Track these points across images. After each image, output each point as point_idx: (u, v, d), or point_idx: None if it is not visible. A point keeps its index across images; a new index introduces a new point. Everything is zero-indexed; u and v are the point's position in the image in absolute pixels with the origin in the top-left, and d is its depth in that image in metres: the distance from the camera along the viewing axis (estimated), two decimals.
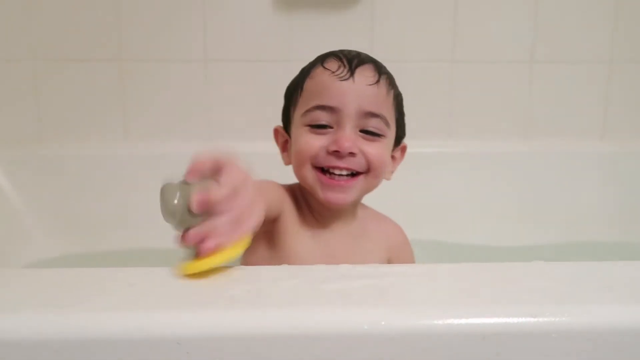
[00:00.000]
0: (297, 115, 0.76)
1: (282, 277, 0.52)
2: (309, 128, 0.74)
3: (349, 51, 0.78)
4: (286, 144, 0.80)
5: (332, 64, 0.75)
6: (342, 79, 0.73)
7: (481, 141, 1.21)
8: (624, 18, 1.21)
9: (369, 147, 0.73)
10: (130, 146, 1.17)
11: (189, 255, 0.51)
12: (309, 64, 0.80)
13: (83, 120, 1.18)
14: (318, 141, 0.73)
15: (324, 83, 0.74)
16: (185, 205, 0.49)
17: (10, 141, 1.16)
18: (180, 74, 1.18)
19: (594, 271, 0.54)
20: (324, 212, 0.77)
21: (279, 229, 0.75)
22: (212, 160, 0.52)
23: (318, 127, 0.73)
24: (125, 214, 1.12)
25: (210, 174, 0.52)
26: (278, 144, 0.82)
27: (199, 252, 0.49)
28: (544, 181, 1.18)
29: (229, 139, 1.18)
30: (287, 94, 0.81)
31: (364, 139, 0.74)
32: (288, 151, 0.80)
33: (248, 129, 1.18)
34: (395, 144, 0.80)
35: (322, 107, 0.73)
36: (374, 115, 0.74)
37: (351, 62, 0.75)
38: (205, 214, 0.49)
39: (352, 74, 0.73)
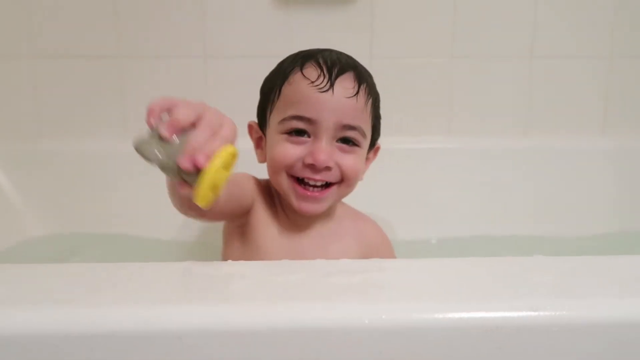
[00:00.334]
0: (273, 120, 0.76)
1: (283, 271, 0.52)
2: (285, 136, 0.73)
3: (330, 54, 0.77)
4: (260, 140, 0.80)
5: (311, 71, 0.74)
6: (321, 90, 0.72)
7: (480, 137, 1.21)
8: (624, 13, 1.21)
9: (344, 159, 0.74)
10: (129, 142, 1.16)
11: (194, 182, 0.52)
12: (287, 63, 0.79)
13: (82, 116, 1.18)
14: (294, 151, 0.73)
15: (302, 93, 0.73)
16: (163, 145, 0.51)
17: (10, 137, 1.15)
18: (179, 70, 1.17)
19: (594, 265, 0.54)
20: (296, 211, 0.76)
21: (250, 223, 0.76)
22: (162, 102, 0.55)
23: (295, 135, 0.73)
24: (125, 210, 1.12)
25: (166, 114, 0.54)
26: (252, 139, 0.82)
27: (198, 168, 0.51)
28: (544, 177, 1.18)
29: None
30: (264, 90, 0.81)
31: (340, 149, 0.74)
32: (262, 149, 0.80)
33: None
34: (370, 146, 0.80)
35: (299, 118, 0.73)
36: (352, 128, 0.74)
37: (331, 71, 0.74)
38: (182, 140, 0.51)
39: (331, 85, 0.73)
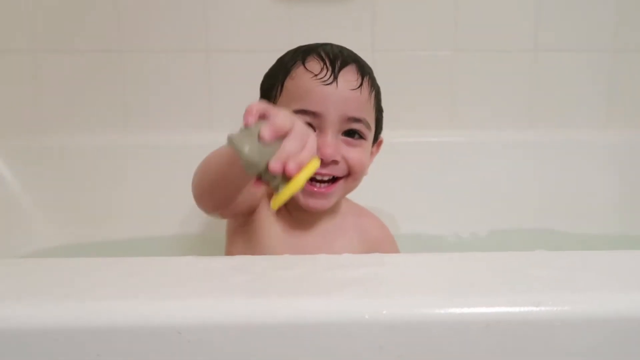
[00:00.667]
0: None
1: (283, 266, 0.52)
2: None
3: (331, 48, 0.77)
4: None
5: (314, 65, 0.74)
6: (324, 83, 0.72)
7: (484, 130, 1.20)
8: (627, 7, 1.20)
9: (350, 153, 0.74)
10: (130, 137, 1.17)
11: (276, 185, 0.55)
12: (288, 58, 0.78)
13: (83, 110, 1.17)
14: None
15: (306, 87, 0.73)
16: (257, 143, 0.54)
17: (11, 131, 1.15)
18: (181, 64, 1.17)
19: (596, 260, 0.54)
20: (300, 208, 0.76)
21: (254, 221, 0.76)
22: (260, 105, 0.57)
23: None
24: (126, 204, 1.12)
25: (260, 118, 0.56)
26: None
27: (287, 175, 0.53)
28: (547, 171, 1.17)
29: (230, 129, 1.17)
30: (264, 87, 0.80)
31: (345, 143, 0.74)
32: None
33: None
34: (373, 140, 0.80)
35: (304, 112, 0.72)
36: (357, 120, 0.74)
37: (334, 64, 0.74)
38: (276, 144, 0.54)
39: (335, 78, 0.73)
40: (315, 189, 0.73)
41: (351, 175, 0.75)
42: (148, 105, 1.18)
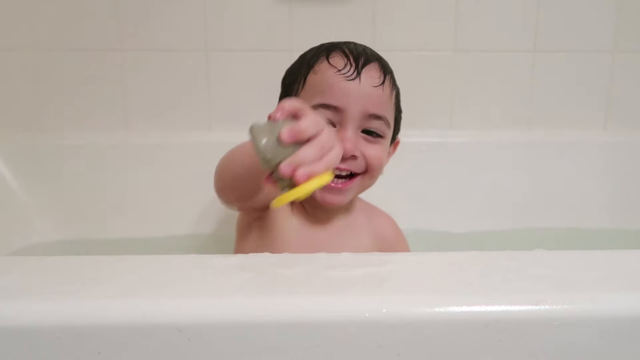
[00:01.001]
0: None
1: (284, 264, 0.52)
2: None
3: (355, 46, 0.77)
4: None
5: (338, 60, 0.74)
6: (348, 79, 0.72)
7: (482, 131, 1.21)
8: (627, 7, 1.20)
9: (369, 150, 0.74)
10: (130, 136, 1.17)
11: (283, 187, 0.54)
12: (311, 54, 0.78)
13: (83, 109, 1.17)
14: None
15: (329, 81, 0.73)
16: (275, 140, 0.52)
17: (10, 129, 1.15)
18: (180, 63, 1.17)
19: (595, 259, 0.54)
20: (317, 205, 0.77)
21: (270, 217, 0.76)
22: (295, 103, 0.55)
23: None
24: (125, 203, 1.12)
25: (291, 117, 0.55)
26: None
27: (294, 181, 0.52)
28: (546, 171, 1.18)
29: (230, 129, 1.18)
30: (286, 83, 0.80)
31: (365, 140, 0.74)
32: None
33: (249, 119, 1.17)
34: (390, 141, 0.80)
35: (326, 106, 0.72)
36: (378, 118, 0.74)
37: (358, 60, 0.74)
38: (294, 147, 0.53)
39: (358, 74, 0.73)
40: (332, 184, 0.73)
41: (368, 173, 0.75)
42: (147, 104, 1.18)
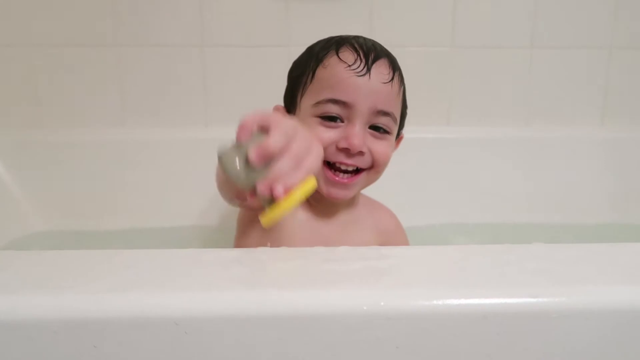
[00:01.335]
0: (305, 103, 0.75)
1: (281, 258, 0.52)
2: (319, 120, 0.73)
3: (364, 40, 0.77)
4: None
5: (348, 55, 0.74)
6: (358, 74, 0.72)
7: (481, 127, 1.21)
8: (624, 4, 1.21)
9: (376, 146, 0.74)
10: (127, 132, 1.17)
11: (266, 206, 0.53)
12: (320, 47, 0.78)
13: (80, 105, 1.17)
14: (328, 134, 0.72)
15: (339, 76, 0.72)
16: (246, 164, 0.51)
17: (7, 126, 1.15)
18: (177, 59, 1.17)
19: (593, 253, 0.54)
20: (321, 199, 0.77)
21: None
22: (257, 117, 0.54)
23: (329, 120, 0.73)
24: (122, 199, 1.12)
25: (258, 131, 0.53)
26: None
27: (273, 199, 0.51)
28: (544, 167, 1.18)
29: (226, 124, 1.17)
30: (293, 76, 0.80)
31: (372, 136, 0.74)
32: None
33: (245, 115, 1.17)
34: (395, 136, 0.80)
35: (335, 101, 0.72)
36: (385, 114, 0.74)
37: (368, 56, 0.74)
38: (267, 165, 0.51)
39: (368, 70, 0.73)
40: (338, 179, 0.73)
41: (374, 168, 0.75)
42: (143, 100, 1.18)
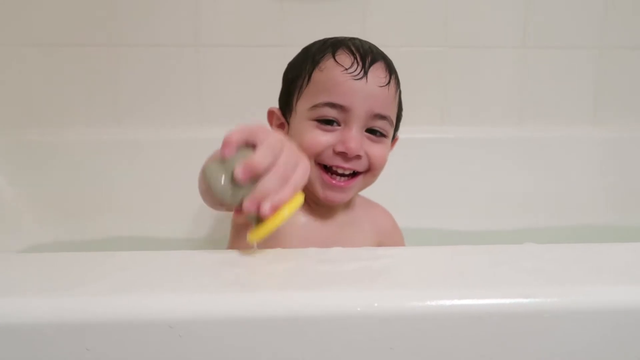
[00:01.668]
0: (302, 106, 0.75)
1: (275, 260, 0.52)
2: (316, 123, 0.73)
3: (361, 43, 0.77)
4: (282, 127, 0.79)
5: (344, 58, 0.73)
6: (355, 78, 0.72)
7: (474, 127, 1.21)
8: (615, 4, 1.21)
9: (373, 149, 0.74)
10: (121, 132, 1.16)
11: (253, 223, 0.52)
12: (315, 49, 0.77)
13: (73, 106, 1.17)
14: (325, 138, 0.72)
15: (336, 79, 0.72)
16: (231, 180, 0.50)
17: (0, 127, 1.14)
18: (171, 59, 1.16)
19: (585, 253, 0.55)
20: (320, 202, 0.77)
21: None
22: (242, 132, 0.53)
23: (325, 124, 0.73)
24: (116, 200, 1.11)
25: (244, 145, 0.52)
26: (272, 125, 0.81)
27: (260, 217, 0.50)
28: (536, 167, 1.19)
29: (221, 125, 1.16)
30: (289, 78, 0.79)
31: (368, 139, 0.74)
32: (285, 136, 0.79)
33: (240, 115, 1.17)
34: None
35: (332, 105, 0.72)
36: (382, 117, 0.74)
37: (365, 59, 0.73)
38: (253, 181, 0.50)
39: (365, 73, 0.72)
40: (334, 182, 0.73)
41: (371, 171, 0.75)
42: (137, 99, 1.18)
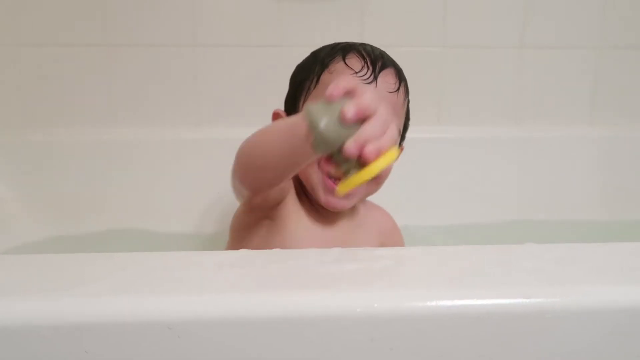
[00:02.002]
0: None
1: (274, 260, 0.52)
2: None
3: (372, 49, 0.76)
4: None
5: (355, 62, 0.73)
6: (364, 81, 0.71)
7: (471, 127, 1.21)
8: (613, 4, 1.21)
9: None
10: (118, 132, 1.16)
11: (347, 170, 0.52)
12: (325, 52, 0.77)
13: (69, 106, 1.16)
14: None
15: None
16: (336, 120, 0.50)
17: None
18: (168, 59, 1.16)
19: (584, 252, 0.54)
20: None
21: (281, 214, 0.75)
22: (348, 82, 0.53)
23: None
24: (112, 199, 1.11)
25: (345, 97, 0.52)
26: None
27: (363, 160, 0.50)
28: (533, 166, 1.19)
29: (218, 124, 1.17)
30: (297, 80, 0.78)
31: None
32: None
33: (237, 115, 1.17)
34: None
35: None
36: None
37: (375, 63, 0.73)
38: (356, 126, 0.50)
39: (375, 78, 0.72)
40: None
41: (375, 179, 0.74)
42: (134, 100, 1.17)
